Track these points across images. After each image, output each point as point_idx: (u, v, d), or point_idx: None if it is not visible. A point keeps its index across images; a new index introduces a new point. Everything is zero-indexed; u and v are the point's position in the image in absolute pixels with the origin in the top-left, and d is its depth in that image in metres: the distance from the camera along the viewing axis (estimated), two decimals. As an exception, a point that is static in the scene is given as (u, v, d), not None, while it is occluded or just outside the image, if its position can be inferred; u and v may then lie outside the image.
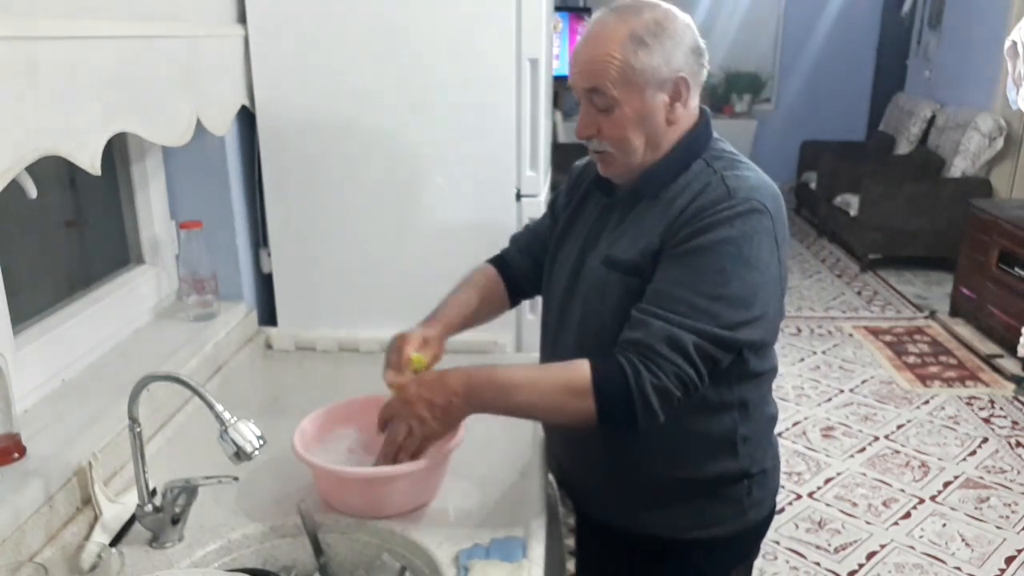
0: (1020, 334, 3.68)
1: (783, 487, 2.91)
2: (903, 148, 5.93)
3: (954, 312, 4.52)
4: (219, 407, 1.06)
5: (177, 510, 1.14)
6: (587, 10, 6.29)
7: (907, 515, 2.77)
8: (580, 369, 1.08)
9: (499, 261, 1.46)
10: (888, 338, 4.32)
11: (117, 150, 1.66)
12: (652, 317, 1.08)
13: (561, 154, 2.88)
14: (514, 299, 1.46)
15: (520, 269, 1.44)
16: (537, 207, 1.80)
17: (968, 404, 3.57)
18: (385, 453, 1.17)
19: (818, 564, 2.52)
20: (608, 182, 1.25)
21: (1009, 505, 2.82)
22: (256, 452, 1.06)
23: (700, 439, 1.21)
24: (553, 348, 1.30)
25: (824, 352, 4.14)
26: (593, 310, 1.20)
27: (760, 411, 1.25)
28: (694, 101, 1.18)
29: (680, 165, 1.16)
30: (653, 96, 1.12)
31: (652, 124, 1.14)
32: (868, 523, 2.73)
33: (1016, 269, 3.89)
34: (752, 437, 1.24)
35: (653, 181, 1.17)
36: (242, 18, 1.69)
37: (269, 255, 1.88)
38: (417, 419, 1.13)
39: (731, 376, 1.17)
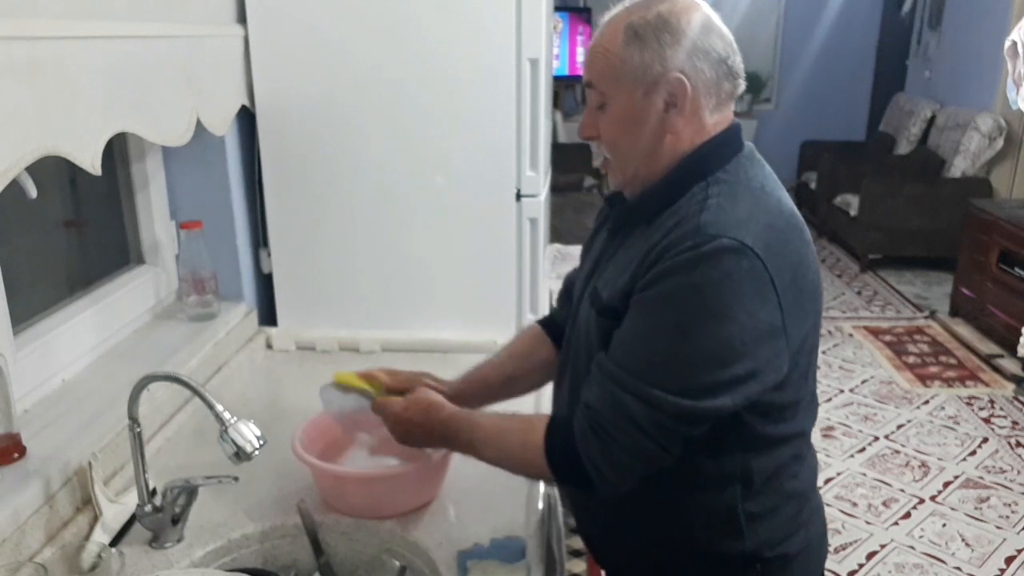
0: (1020, 334, 3.68)
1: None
2: (903, 148, 5.93)
3: (954, 312, 4.52)
4: (219, 407, 1.06)
5: (177, 510, 1.14)
6: (587, 10, 6.29)
7: (907, 515, 2.77)
8: (536, 432, 1.03)
9: (545, 318, 1.35)
10: (888, 338, 4.32)
11: (117, 150, 1.66)
12: (606, 377, 0.98)
13: (561, 154, 2.88)
14: None
15: (562, 317, 1.29)
16: (537, 207, 1.80)
17: (968, 404, 3.57)
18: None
19: (818, 564, 2.52)
20: (618, 203, 1.13)
21: (1009, 505, 2.82)
22: (256, 452, 1.06)
23: (696, 513, 1.07)
24: (558, 384, 1.22)
25: (824, 352, 4.14)
26: (583, 348, 1.09)
27: (775, 486, 1.07)
28: (712, 114, 1.01)
29: (679, 187, 1.01)
30: (643, 98, 0.99)
31: (643, 129, 1.00)
32: (868, 523, 2.73)
33: (1016, 269, 3.89)
34: (764, 516, 1.06)
35: (647, 203, 1.04)
36: (242, 18, 1.69)
37: (269, 255, 1.88)
38: (389, 427, 1.16)
39: (730, 442, 1.02)
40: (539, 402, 1.41)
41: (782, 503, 1.08)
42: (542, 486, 1.33)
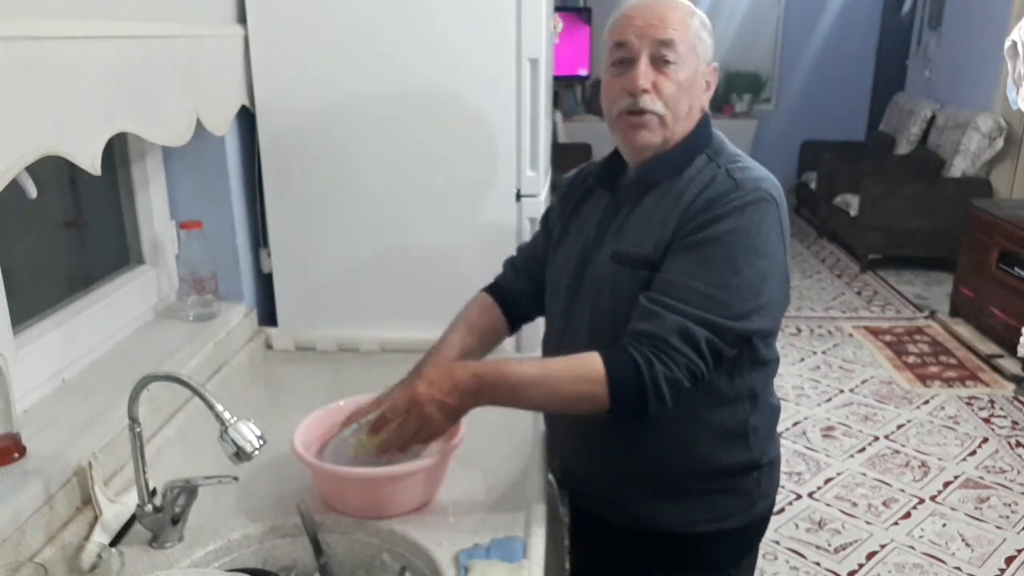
0: (1020, 334, 3.68)
1: (783, 487, 2.91)
2: (903, 148, 5.93)
3: (954, 312, 4.52)
4: (219, 407, 1.06)
5: (177, 510, 1.14)
6: (587, 10, 6.29)
7: (907, 515, 2.77)
8: (592, 363, 1.10)
9: (494, 288, 1.46)
10: (888, 338, 4.32)
11: (117, 150, 1.66)
12: (664, 309, 1.09)
13: (561, 154, 2.88)
14: (514, 322, 1.43)
15: (517, 290, 1.43)
16: (537, 207, 1.80)
17: (968, 404, 3.57)
18: (390, 447, 1.15)
19: (818, 564, 2.52)
20: (613, 178, 1.27)
21: (1009, 505, 2.82)
22: (256, 452, 1.06)
23: (714, 431, 1.22)
24: (558, 348, 1.28)
25: (824, 352, 4.14)
26: (604, 306, 1.20)
27: (767, 401, 1.27)
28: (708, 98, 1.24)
29: (685, 158, 1.20)
30: (700, 76, 1.20)
31: (693, 98, 1.20)
32: (868, 523, 2.73)
33: (1016, 269, 3.89)
34: (761, 427, 1.25)
35: (658, 171, 1.20)
36: (242, 18, 1.69)
37: (269, 255, 1.88)
38: (426, 419, 1.11)
39: (743, 365, 1.19)
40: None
41: (771, 416, 1.29)
42: (541, 475, 1.33)
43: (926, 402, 3.59)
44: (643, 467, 1.24)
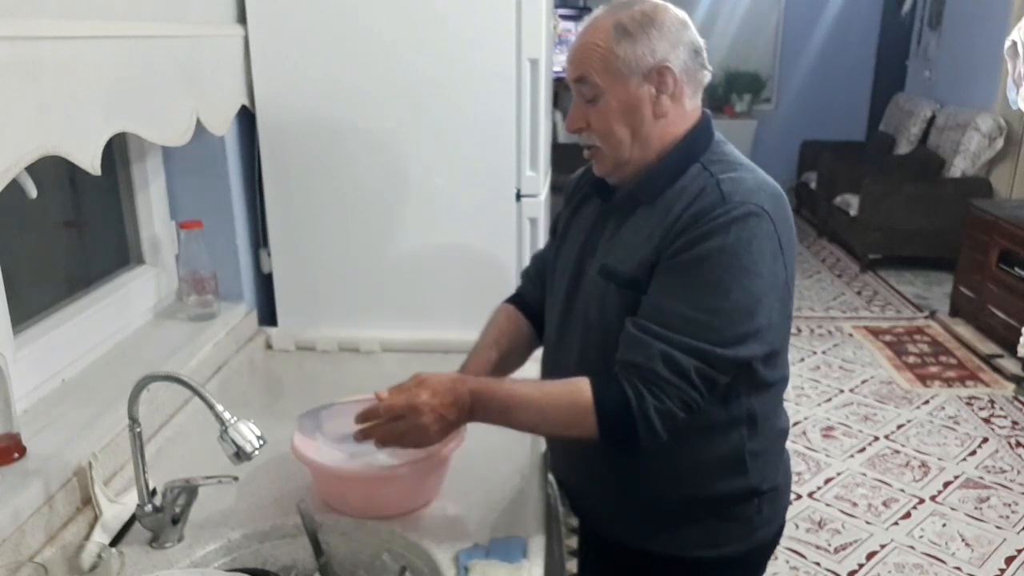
0: (1020, 334, 3.68)
1: (783, 487, 2.91)
2: (903, 148, 5.93)
3: (954, 312, 4.52)
4: (219, 407, 1.06)
5: (177, 510, 1.14)
6: (587, 9, 6.29)
7: (907, 515, 2.77)
8: (582, 391, 1.07)
9: (516, 298, 1.41)
10: (888, 338, 4.32)
11: (117, 150, 1.66)
12: (651, 337, 1.05)
13: (561, 154, 2.88)
14: (540, 330, 1.36)
15: (535, 298, 1.38)
16: (537, 207, 1.80)
17: (968, 404, 3.57)
18: (377, 439, 1.10)
19: (818, 564, 2.52)
20: (607, 186, 1.22)
21: (1009, 505, 2.82)
22: (256, 452, 1.06)
23: (707, 458, 1.17)
24: (555, 357, 1.27)
25: (824, 352, 4.14)
26: (594, 321, 1.17)
27: (769, 425, 1.20)
28: (690, 101, 1.14)
29: (677, 169, 1.13)
30: (638, 86, 1.10)
31: (637, 116, 1.11)
32: (868, 523, 2.73)
33: (1016, 269, 3.89)
34: (762, 453, 1.19)
35: (649, 185, 1.14)
36: (242, 18, 1.69)
37: (269, 255, 1.88)
38: (420, 428, 1.08)
39: (740, 388, 1.13)
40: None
41: (774, 440, 1.23)
42: (541, 475, 1.33)
43: (926, 402, 3.59)
44: (637, 491, 1.21)
